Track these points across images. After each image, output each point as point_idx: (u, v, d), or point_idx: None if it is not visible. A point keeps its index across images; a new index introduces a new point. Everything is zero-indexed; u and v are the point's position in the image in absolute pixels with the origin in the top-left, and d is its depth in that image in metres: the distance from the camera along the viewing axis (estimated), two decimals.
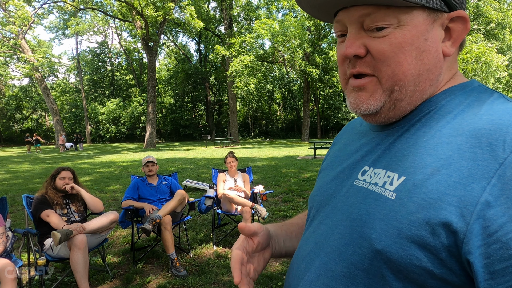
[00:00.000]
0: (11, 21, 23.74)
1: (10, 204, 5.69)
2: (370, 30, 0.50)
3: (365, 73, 0.52)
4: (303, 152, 16.40)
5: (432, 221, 0.41)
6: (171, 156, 15.72)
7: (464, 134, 0.44)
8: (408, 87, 0.51)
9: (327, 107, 39.47)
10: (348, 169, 0.60)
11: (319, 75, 23.60)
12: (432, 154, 0.45)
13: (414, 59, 0.49)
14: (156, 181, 3.82)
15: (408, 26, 0.49)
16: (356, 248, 0.49)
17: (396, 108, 0.53)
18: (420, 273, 0.42)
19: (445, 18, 0.51)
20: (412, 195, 0.44)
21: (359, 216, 0.50)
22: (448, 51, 0.51)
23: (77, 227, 2.70)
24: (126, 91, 42.90)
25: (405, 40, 0.49)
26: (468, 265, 0.39)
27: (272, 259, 3.53)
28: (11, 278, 2.24)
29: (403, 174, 0.47)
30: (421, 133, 0.50)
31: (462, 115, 0.47)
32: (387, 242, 0.45)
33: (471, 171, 0.41)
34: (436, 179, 0.43)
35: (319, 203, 0.63)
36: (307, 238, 0.63)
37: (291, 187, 7.11)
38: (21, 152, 23.17)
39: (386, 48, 0.49)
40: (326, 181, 0.65)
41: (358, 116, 0.58)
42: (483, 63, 14.32)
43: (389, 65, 0.50)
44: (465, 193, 0.40)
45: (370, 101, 0.52)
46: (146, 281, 2.96)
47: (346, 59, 0.54)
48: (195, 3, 26.37)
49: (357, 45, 0.51)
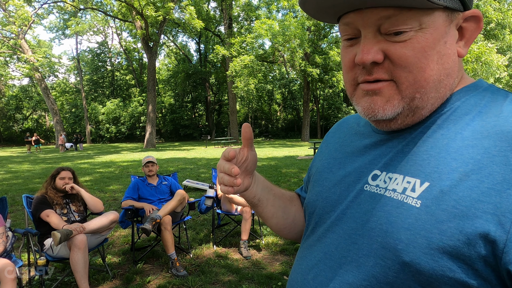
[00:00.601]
0: (11, 21, 23.73)
1: (10, 204, 5.69)
2: (388, 34, 0.46)
3: (384, 79, 0.48)
4: (303, 152, 16.40)
5: (466, 230, 0.39)
6: (171, 156, 15.71)
7: (491, 137, 0.42)
8: (430, 93, 0.48)
9: (327, 107, 39.45)
10: (354, 173, 0.56)
11: (319, 75, 23.60)
12: (457, 158, 0.43)
13: (436, 64, 0.46)
14: (156, 181, 3.82)
15: (430, 29, 0.45)
16: (378, 260, 0.46)
17: (415, 116, 0.50)
18: (452, 284, 0.40)
19: (460, 17, 0.49)
20: (440, 202, 0.42)
21: (378, 225, 0.47)
22: (462, 51, 0.49)
23: (77, 227, 2.70)
24: (126, 91, 42.90)
25: (427, 44, 0.45)
26: (508, 276, 0.37)
27: (272, 259, 3.53)
28: (11, 278, 2.24)
29: (426, 180, 0.45)
30: (438, 135, 0.47)
31: (481, 117, 0.45)
32: (416, 253, 0.42)
33: (505, 176, 0.38)
34: (467, 185, 0.41)
35: (322, 209, 0.60)
36: (310, 246, 0.59)
37: (291, 187, 7.10)
38: (21, 152, 23.17)
39: (408, 54, 0.46)
40: (327, 186, 0.61)
41: (371, 121, 0.53)
42: (483, 63, 14.32)
43: (411, 71, 0.46)
44: (501, 200, 0.38)
45: (387, 107, 0.49)
46: (146, 281, 2.96)
47: (357, 65, 0.50)
48: (195, 3, 26.36)
49: (375, 51, 0.47)
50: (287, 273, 3.07)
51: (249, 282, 2.92)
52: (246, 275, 3.03)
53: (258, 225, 4.28)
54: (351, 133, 0.65)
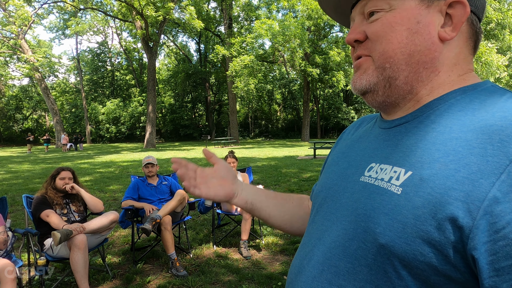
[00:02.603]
0: (11, 21, 23.74)
1: (10, 204, 5.69)
2: (368, 17, 0.55)
3: (363, 55, 0.56)
4: (303, 152, 16.41)
5: (438, 215, 0.41)
6: (171, 156, 15.71)
7: (475, 131, 0.43)
8: (400, 65, 0.52)
9: (327, 107, 39.46)
10: (354, 165, 0.60)
11: (319, 75, 23.60)
12: (441, 149, 0.45)
13: (405, 39, 0.51)
14: (156, 181, 3.82)
15: (399, 9, 0.52)
16: (360, 243, 0.49)
17: (392, 87, 0.54)
18: (423, 268, 0.42)
19: (443, 4, 0.51)
20: (418, 189, 0.44)
21: (364, 211, 0.50)
22: (446, 35, 0.51)
23: (77, 227, 2.70)
24: (126, 91, 42.91)
25: (395, 21, 0.52)
26: (473, 262, 0.39)
27: (272, 259, 3.53)
28: (11, 278, 2.24)
29: (410, 169, 0.47)
30: (429, 129, 0.50)
31: (473, 113, 0.47)
32: (391, 236, 0.44)
33: (480, 166, 0.40)
34: (444, 174, 0.42)
35: (322, 198, 0.63)
36: (310, 234, 0.62)
37: (291, 187, 7.11)
38: (21, 152, 23.17)
39: (378, 29, 0.53)
40: (331, 177, 0.64)
41: (358, 95, 0.61)
42: (483, 63, 14.32)
43: (380, 43, 0.53)
44: (472, 188, 0.39)
45: (363, 77, 0.56)
46: (146, 281, 2.96)
47: (352, 48, 0.59)
48: (195, 3, 26.37)
49: (358, 32, 0.56)
50: (287, 273, 3.07)
51: (249, 282, 2.92)
52: (246, 275, 3.03)
53: (258, 225, 4.28)
54: (362, 130, 0.69)
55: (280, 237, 4.03)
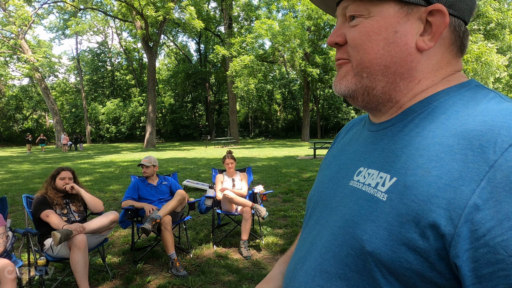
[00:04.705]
0: (11, 21, 23.74)
1: (10, 204, 5.69)
2: (350, 20, 0.55)
3: (343, 58, 0.56)
4: (303, 152, 16.41)
5: (421, 223, 0.41)
6: (171, 156, 15.71)
7: (457, 135, 0.43)
8: (376, 75, 0.53)
9: (327, 107, 39.46)
10: (344, 169, 0.60)
11: (319, 75, 23.60)
12: (424, 154, 0.45)
13: (381, 49, 0.51)
14: (156, 181, 3.82)
15: (377, 17, 0.51)
16: (349, 250, 0.49)
17: (370, 95, 0.55)
18: (410, 275, 0.42)
19: (423, 11, 0.50)
20: (402, 197, 0.44)
21: (351, 217, 0.50)
22: (423, 45, 0.50)
23: (77, 227, 2.70)
24: (126, 91, 42.90)
25: (372, 30, 0.51)
26: (456, 269, 0.39)
27: (272, 259, 3.53)
28: (11, 278, 2.24)
29: (394, 175, 0.47)
30: (414, 134, 0.49)
31: (456, 116, 0.46)
32: (378, 244, 0.44)
33: (461, 173, 0.40)
34: (427, 181, 0.42)
35: (315, 203, 0.64)
36: (303, 238, 0.63)
37: (291, 187, 7.11)
38: (21, 152, 23.17)
39: (356, 36, 0.53)
40: (323, 181, 0.65)
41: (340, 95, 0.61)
42: (483, 63, 14.31)
43: (358, 52, 0.53)
44: (454, 195, 0.39)
45: (342, 82, 0.56)
46: (146, 281, 2.96)
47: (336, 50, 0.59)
48: (195, 3, 26.38)
49: (337, 34, 0.56)
50: None
51: (249, 282, 2.92)
52: (246, 275, 3.03)
53: (258, 225, 4.28)
54: (352, 133, 0.69)
55: (280, 237, 4.03)
